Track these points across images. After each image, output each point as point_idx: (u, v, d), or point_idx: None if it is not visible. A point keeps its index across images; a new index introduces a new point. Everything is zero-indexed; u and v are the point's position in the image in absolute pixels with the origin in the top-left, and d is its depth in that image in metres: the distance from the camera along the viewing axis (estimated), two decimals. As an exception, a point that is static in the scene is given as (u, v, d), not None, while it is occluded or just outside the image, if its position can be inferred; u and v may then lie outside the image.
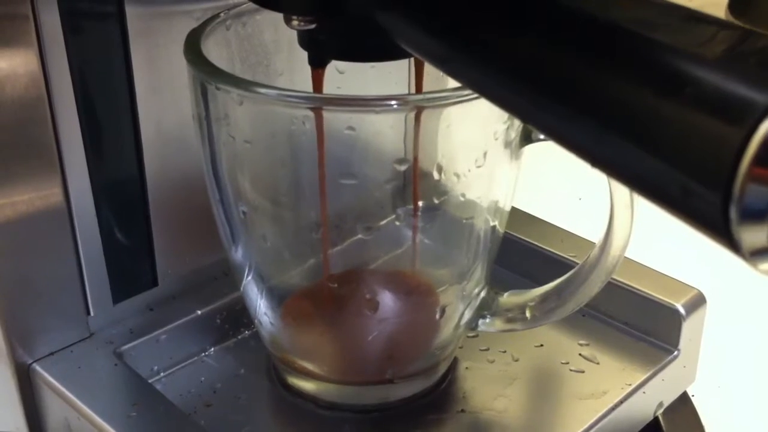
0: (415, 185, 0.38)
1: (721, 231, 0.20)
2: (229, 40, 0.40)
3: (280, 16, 0.34)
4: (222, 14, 0.39)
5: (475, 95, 0.34)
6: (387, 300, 0.40)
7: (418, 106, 0.35)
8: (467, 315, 0.41)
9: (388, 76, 0.43)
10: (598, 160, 0.23)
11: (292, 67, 0.42)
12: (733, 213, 0.19)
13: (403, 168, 0.36)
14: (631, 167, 0.22)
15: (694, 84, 0.20)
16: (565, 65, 0.23)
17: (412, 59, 0.40)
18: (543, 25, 0.24)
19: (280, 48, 0.42)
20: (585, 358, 0.45)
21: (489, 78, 0.27)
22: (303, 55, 0.36)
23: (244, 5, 0.40)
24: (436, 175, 0.37)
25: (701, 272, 0.51)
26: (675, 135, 0.20)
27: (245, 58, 0.42)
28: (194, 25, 0.38)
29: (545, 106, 0.24)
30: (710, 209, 0.20)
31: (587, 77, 0.22)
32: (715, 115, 0.20)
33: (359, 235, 0.38)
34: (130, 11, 0.40)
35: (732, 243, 0.20)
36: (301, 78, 0.38)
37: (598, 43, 0.23)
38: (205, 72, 0.35)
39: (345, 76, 0.42)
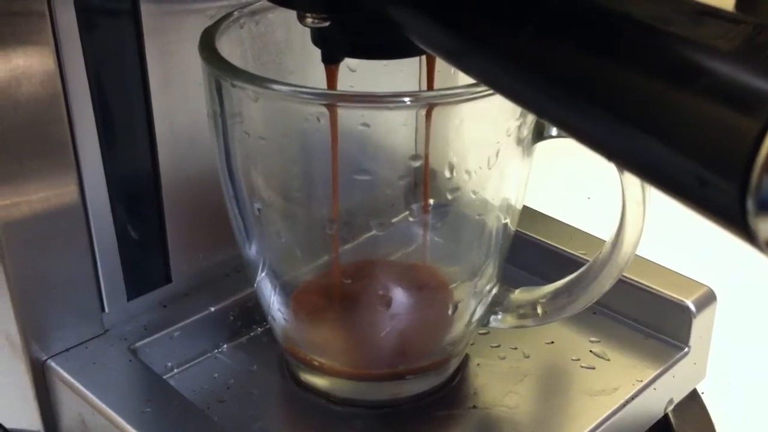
0: (426, 182, 0.38)
1: (738, 222, 0.20)
2: (243, 39, 0.40)
3: (292, 14, 0.35)
4: (236, 12, 0.40)
5: (488, 92, 0.34)
6: (399, 296, 0.40)
7: (430, 102, 0.35)
8: (479, 311, 0.41)
9: (399, 74, 0.43)
10: (614, 153, 0.23)
11: (305, 66, 0.42)
12: (750, 204, 0.19)
13: (415, 165, 0.36)
14: (648, 159, 0.22)
15: (709, 75, 0.20)
16: (580, 58, 0.23)
17: (424, 57, 0.41)
18: (557, 18, 0.24)
19: (292, 46, 0.43)
20: (596, 354, 0.45)
21: (503, 72, 0.27)
22: (315, 53, 0.37)
23: (258, 3, 0.40)
24: (447, 173, 0.37)
25: (711, 269, 0.51)
26: (691, 126, 0.20)
27: (258, 56, 0.42)
28: (207, 23, 0.39)
29: (560, 100, 0.24)
30: (727, 200, 0.20)
31: (603, 70, 0.23)
32: (731, 106, 0.20)
33: (372, 232, 0.38)
34: (145, 9, 0.40)
35: (749, 234, 0.20)
36: (314, 76, 0.38)
37: (614, 36, 0.23)
38: (221, 69, 0.35)
39: (356, 74, 0.42)
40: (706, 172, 0.20)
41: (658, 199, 0.24)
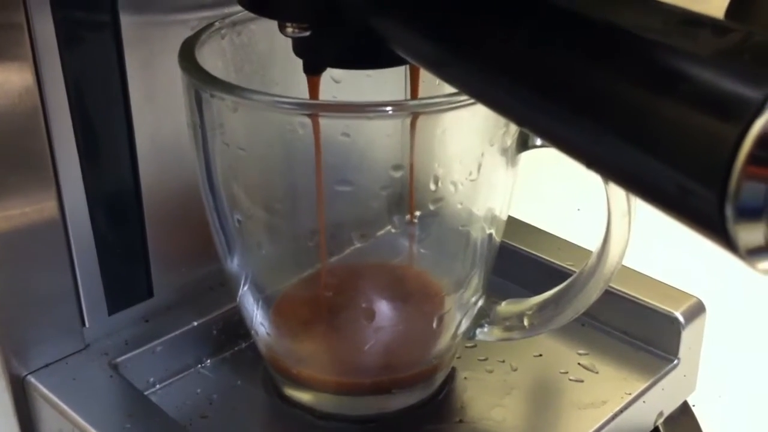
0: (411, 192, 0.37)
1: (718, 230, 0.20)
2: (224, 50, 0.40)
3: (274, 24, 0.34)
4: (217, 23, 0.39)
5: (470, 101, 0.34)
6: (383, 308, 0.40)
7: (413, 112, 0.34)
8: (465, 324, 0.41)
9: (384, 86, 0.42)
10: (594, 160, 0.23)
11: (288, 77, 0.42)
12: (729, 211, 0.19)
13: (398, 175, 0.36)
14: (627, 166, 0.22)
15: (689, 81, 0.20)
16: (559, 65, 0.23)
17: (408, 67, 0.40)
18: (537, 26, 0.24)
19: (275, 57, 0.42)
20: (584, 367, 0.45)
21: (483, 80, 0.26)
22: (299, 64, 0.36)
23: (239, 14, 0.40)
24: (431, 183, 0.36)
25: (700, 280, 0.50)
26: (670, 132, 0.20)
27: (240, 67, 0.42)
28: (189, 34, 0.38)
29: (540, 107, 0.24)
30: (706, 208, 0.20)
31: (582, 76, 0.22)
32: (710, 112, 0.19)
33: (355, 244, 0.38)
34: (125, 20, 0.40)
35: (729, 242, 0.20)
36: (297, 88, 0.37)
37: (593, 43, 0.23)
38: (199, 79, 0.35)
39: (341, 86, 0.41)
40: (686, 179, 0.20)
41: (646, 210, 0.23)
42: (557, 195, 0.70)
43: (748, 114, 0.18)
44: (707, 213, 0.20)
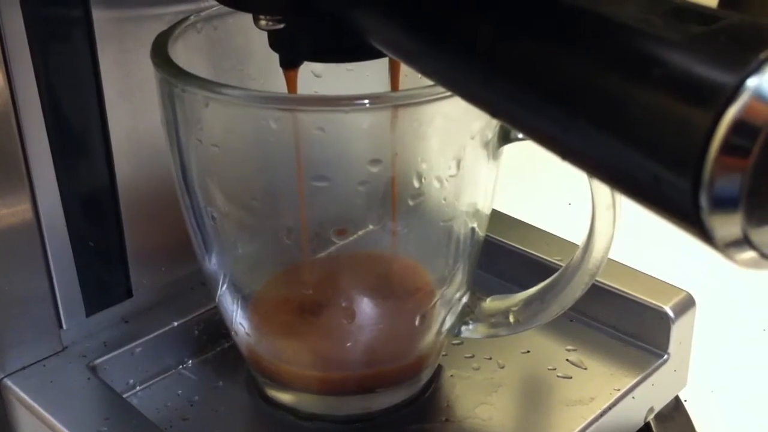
0: (394, 187, 0.37)
1: (693, 221, 0.19)
2: (200, 45, 0.39)
3: (252, 18, 0.33)
4: (192, 17, 0.38)
5: (449, 93, 0.33)
6: (364, 307, 0.39)
7: (390, 104, 0.34)
8: (449, 321, 0.40)
9: (366, 81, 0.41)
10: (568, 150, 0.22)
11: (268, 72, 0.41)
12: (704, 201, 0.18)
13: (376, 170, 0.35)
14: (600, 156, 0.21)
15: (661, 65, 0.19)
16: (528, 52, 0.22)
17: (389, 61, 0.39)
18: (507, 13, 0.23)
19: (253, 52, 0.41)
20: (572, 363, 0.44)
21: (455, 70, 0.26)
22: (278, 59, 0.36)
23: (215, 8, 0.39)
24: (412, 177, 0.36)
25: (690, 273, 0.50)
26: (643, 120, 0.19)
27: (218, 63, 0.41)
28: (164, 29, 0.38)
29: (511, 96, 0.23)
30: (680, 198, 0.19)
31: (553, 63, 0.22)
32: (683, 97, 0.19)
33: (334, 241, 0.37)
34: (97, 15, 0.39)
35: (705, 233, 0.19)
36: (277, 84, 0.37)
37: (564, 27, 0.22)
38: (171, 74, 0.34)
39: (322, 81, 0.41)
40: (660, 168, 0.19)
41: (633, 203, 0.22)
42: (548, 190, 0.69)
43: (721, 99, 0.18)
44: (682, 203, 0.19)
